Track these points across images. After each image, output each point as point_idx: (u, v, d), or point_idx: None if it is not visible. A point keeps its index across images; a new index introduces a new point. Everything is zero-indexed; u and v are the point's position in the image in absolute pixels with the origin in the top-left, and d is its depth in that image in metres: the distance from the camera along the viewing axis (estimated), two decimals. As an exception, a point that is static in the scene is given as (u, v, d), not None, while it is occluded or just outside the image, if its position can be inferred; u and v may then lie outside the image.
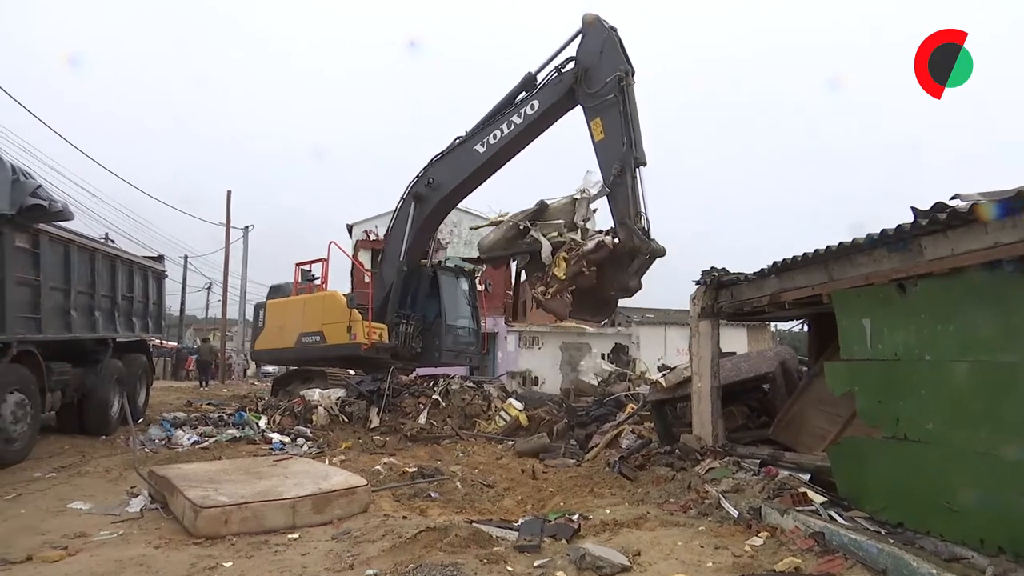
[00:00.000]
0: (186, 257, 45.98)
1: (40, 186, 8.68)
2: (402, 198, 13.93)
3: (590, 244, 10.21)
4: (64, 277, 9.90)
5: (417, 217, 13.63)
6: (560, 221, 10.74)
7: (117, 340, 12.04)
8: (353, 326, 13.66)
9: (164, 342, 32.81)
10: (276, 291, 17.01)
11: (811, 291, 6.76)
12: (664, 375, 10.28)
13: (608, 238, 10.23)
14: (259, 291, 57.75)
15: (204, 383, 29.35)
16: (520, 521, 6.13)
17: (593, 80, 10.88)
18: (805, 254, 6.70)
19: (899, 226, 5.25)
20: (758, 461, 7.32)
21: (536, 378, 26.84)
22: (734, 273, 8.39)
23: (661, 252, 10.14)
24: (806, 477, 6.46)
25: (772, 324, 23.42)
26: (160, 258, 15.21)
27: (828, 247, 6.28)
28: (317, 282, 15.86)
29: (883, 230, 5.47)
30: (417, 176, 13.62)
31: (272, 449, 10.49)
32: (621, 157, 10.23)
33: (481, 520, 6.21)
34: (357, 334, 13.64)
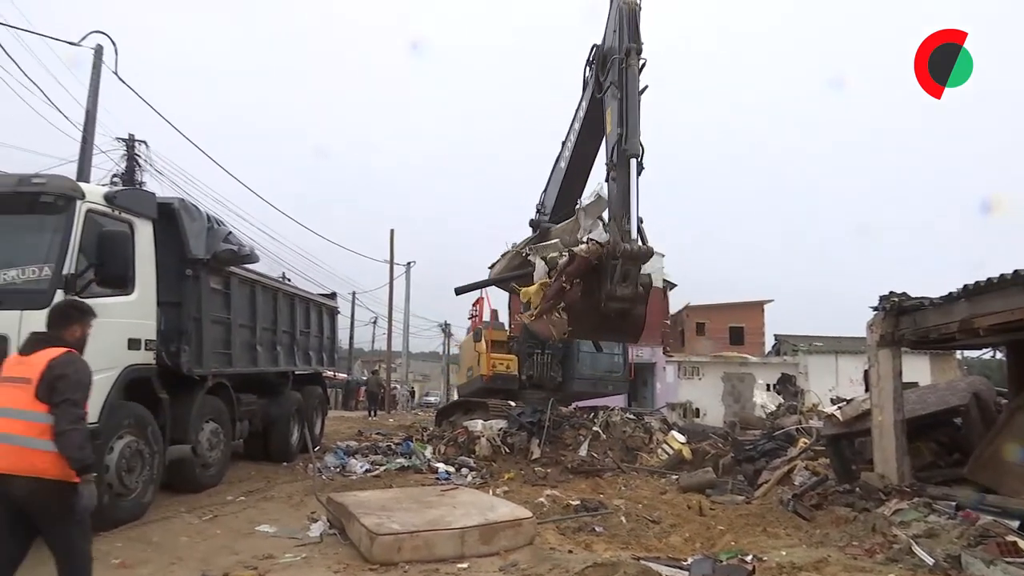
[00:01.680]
0: (354, 293, 48.69)
1: (231, 232, 9.52)
2: None
3: (565, 257, 9.34)
4: (250, 315, 10.69)
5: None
6: (556, 241, 10.14)
7: (296, 373, 12.87)
8: (480, 358, 14.11)
9: (337, 374, 34.73)
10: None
11: (1011, 316, 6.15)
12: (840, 407, 9.65)
13: (582, 247, 9.21)
14: (422, 324, 60.13)
15: (372, 413, 30.74)
16: (690, 560, 5.92)
17: (606, 64, 9.84)
18: (1002, 276, 6.12)
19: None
20: (954, 503, 6.69)
21: (697, 410, 26.07)
22: (917, 298, 7.79)
23: (638, 254, 8.80)
24: (1014, 524, 5.83)
25: (958, 352, 21.54)
26: (333, 295, 16.16)
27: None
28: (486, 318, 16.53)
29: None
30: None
31: (438, 478, 10.78)
32: (613, 150, 9.18)
33: (648, 557, 6.05)
34: (482, 366, 14.01)
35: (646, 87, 9.54)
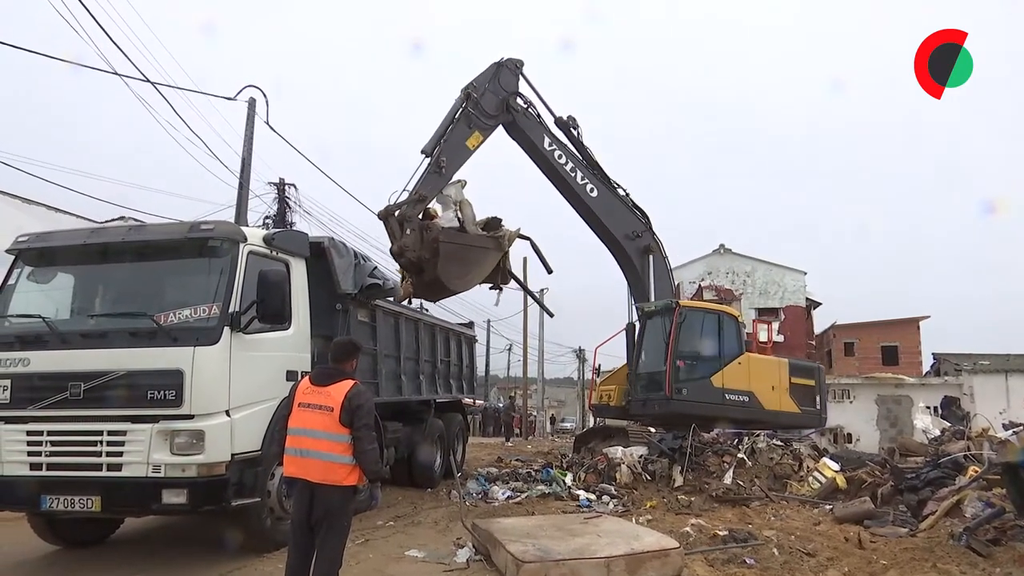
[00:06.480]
0: (489, 321, 49.52)
1: (376, 267, 9.97)
2: None
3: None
4: (395, 345, 11.10)
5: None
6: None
7: (437, 400, 13.21)
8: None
9: (476, 401, 35.34)
10: None
11: None
12: (1016, 433, 8.85)
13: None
14: (557, 350, 60.34)
15: (508, 438, 31.08)
16: (852, 596, 5.58)
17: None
18: None
19: None
20: None
21: (849, 435, 24.63)
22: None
23: (381, 213, 10.89)
24: None
25: None
26: (470, 324, 16.52)
27: None
28: None
29: None
30: None
31: (579, 506, 10.72)
32: None
33: (806, 592, 5.75)
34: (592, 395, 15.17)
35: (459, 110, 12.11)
